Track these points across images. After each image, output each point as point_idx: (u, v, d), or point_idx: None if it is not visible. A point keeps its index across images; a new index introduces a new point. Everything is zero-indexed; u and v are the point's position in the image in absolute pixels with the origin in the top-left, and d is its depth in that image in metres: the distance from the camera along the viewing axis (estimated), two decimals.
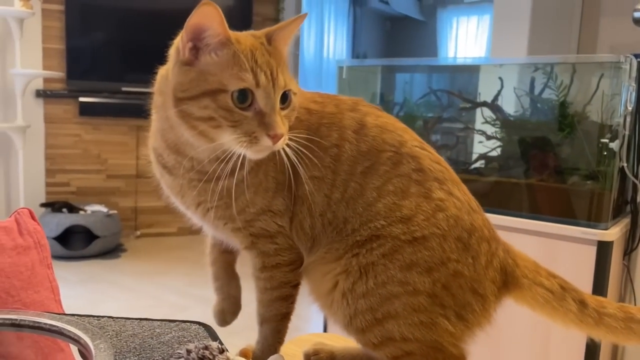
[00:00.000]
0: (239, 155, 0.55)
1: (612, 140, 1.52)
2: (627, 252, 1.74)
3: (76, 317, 0.69)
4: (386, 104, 2.03)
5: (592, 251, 1.54)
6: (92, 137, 3.77)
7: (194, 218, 0.65)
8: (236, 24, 2.90)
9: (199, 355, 0.48)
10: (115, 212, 3.49)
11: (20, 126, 3.33)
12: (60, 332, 0.67)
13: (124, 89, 3.76)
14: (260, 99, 0.55)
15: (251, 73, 0.55)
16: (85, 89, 3.68)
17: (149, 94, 0.81)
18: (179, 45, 0.57)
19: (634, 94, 1.55)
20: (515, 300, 0.65)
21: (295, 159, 0.56)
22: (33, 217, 0.85)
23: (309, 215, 0.58)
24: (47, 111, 3.65)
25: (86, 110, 3.70)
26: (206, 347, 0.48)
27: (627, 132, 1.55)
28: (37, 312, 0.70)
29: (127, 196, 3.87)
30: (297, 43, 4.47)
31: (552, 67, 1.64)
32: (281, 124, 0.55)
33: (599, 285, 1.55)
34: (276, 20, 4.19)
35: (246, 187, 0.58)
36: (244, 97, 0.55)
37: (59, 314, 0.70)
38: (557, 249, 1.59)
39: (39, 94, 3.60)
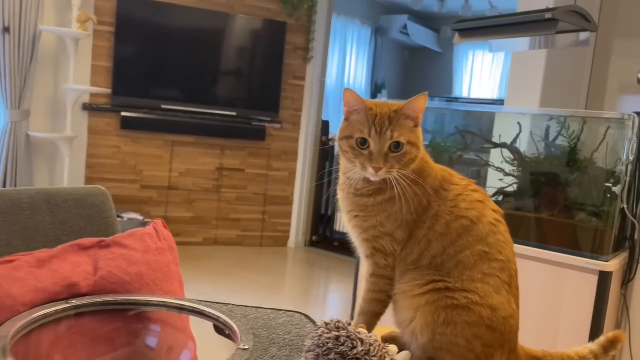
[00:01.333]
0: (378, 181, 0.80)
1: (615, 184, 1.77)
2: (625, 283, 1.98)
3: (210, 304, 0.94)
4: None
5: (594, 280, 1.77)
6: (130, 149, 4.05)
7: (347, 227, 0.89)
8: (270, 51, 3.31)
9: (335, 326, 0.72)
10: (149, 220, 3.74)
11: (69, 136, 3.61)
12: (203, 314, 0.92)
13: (163, 106, 4.04)
14: (372, 144, 0.80)
15: (368, 128, 0.80)
16: (127, 105, 3.97)
17: (184, 112, 1.06)
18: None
19: (635, 146, 1.80)
20: None
21: (414, 207, 0.80)
22: (165, 227, 1.11)
23: (417, 251, 0.82)
24: (91, 123, 3.93)
25: (127, 124, 3.98)
26: (338, 321, 0.72)
27: (628, 179, 1.79)
28: (186, 298, 0.95)
29: (158, 206, 4.14)
30: (324, 69, 4.75)
31: (565, 118, 1.89)
32: (381, 161, 0.79)
33: (599, 310, 1.78)
34: (306, 49, 4.47)
35: (383, 211, 0.82)
36: (363, 141, 0.80)
37: (196, 300, 0.94)
38: (564, 277, 1.83)
39: (85, 107, 3.88)
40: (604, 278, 1.76)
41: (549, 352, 0.90)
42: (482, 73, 6.76)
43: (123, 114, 3.96)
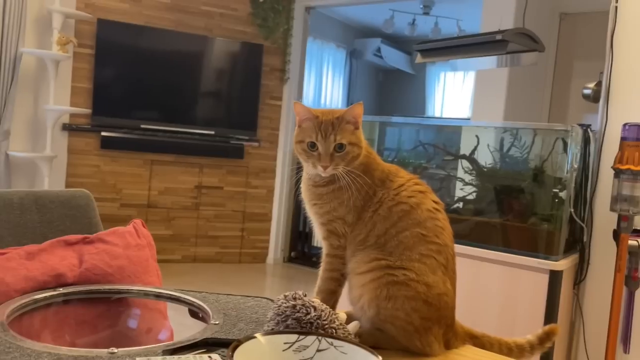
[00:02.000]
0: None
1: (561, 190, 1.92)
2: (577, 283, 2.12)
3: (185, 291, 1.04)
4: (380, 152, 2.42)
5: (545, 279, 1.91)
6: (109, 168, 4.12)
7: (309, 215, 1.00)
8: (248, 72, 3.51)
9: (293, 297, 0.83)
10: None
11: (48, 156, 3.68)
12: (179, 300, 1.03)
13: (142, 126, 4.14)
14: (319, 146, 0.93)
15: (315, 133, 0.93)
16: (107, 125, 4.06)
17: (163, 131, 1.19)
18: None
19: (578, 155, 1.96)
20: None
21: (361, 195, 0.93)
22: (144, 226, 1.21)
23: (364, 232, 0.94)
24: (71, 143, 4.01)
25: (107, 144, 4.07)
26: (295, 293, 0.83)
27: (573, 185, 1.95)
28: (163, 287, 1.06)
29: None
30: (300, 90, 4.91)
31: (517, 130, 2.05)
32: (328, 160, 0.92)
33: (551, 307, 1.92)
34: (283, 70, 4.63)
35: (335, 198, 0.94)
36: (312, 144, 0.93)
37: (172, 289, 1.05)
38: (519, 277, 1.97)
39: (65, 127, 3.96)
40: (554, 277, 1.90)
41: (488, 335, 1.02)
42: (453, 93, 7.01)
43: (103, 133, 4.04)
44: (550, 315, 1.93)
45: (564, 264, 1.94)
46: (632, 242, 1.90)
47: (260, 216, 4.81)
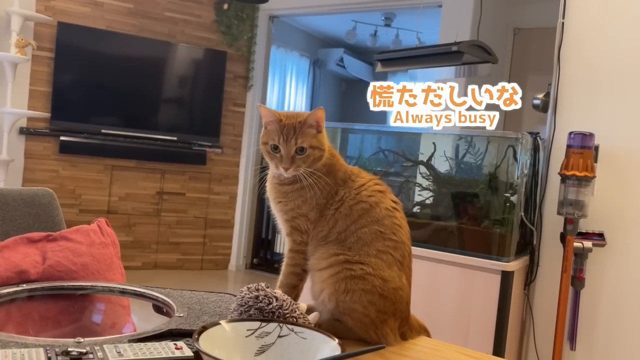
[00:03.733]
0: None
1: (512, 195, 2.03)
2: (527, 284, 2.23)
3: (149, 287, 1.07)
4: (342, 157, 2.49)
5: (497, 279, 2.00)
6: (69, 174, 4.05)
7: (274, 212, 1.05)
8: (211, 78, 3.55)
9: (255, 288, 0.86)
10: None
11: (4, 160, 3.59)
12: (144, 295, 1.05)
13: (103, 130, 4.09)
14: (282, 149, 0.97)
15: (278, 136, 0.98)
16: (66, 129, 3.99)
17: (124, 136, 1.23)
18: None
19: (528, 161, 2.07)
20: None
21: (324, 194, 0.97)
22: (108, 225, 1.23)
23: (326, 228, 0.98)
24: (28, 147, 3.92)
25: (66, 149, 3.99)
26: (258, 285, 0.87)
27: (524, 189, 2.06)
28: (129, 283, 1.08)
29: None
30: (264, 97, 4.95)
31: (471, 137, 2.15)
32: (288, 163, 0.97)
33: (503, 306, 2.01)
34: (246, 77, 4.66)
35: (299, 196, 0.98)
36: (275, 147, 0.98)
37: (136, 285, 1.07)
38: (473, 277, 2.05)
39: (22, 131, 3.87)
40: (506, 277, 1.99)
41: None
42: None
43: (62, 138, 3.97)
44: (502, 314, 2.02)
45: (515, 265, 2.03)
46: (577, 244, 2.02)
47: (223, 223, 4.81)
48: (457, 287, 2.07)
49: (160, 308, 1.03)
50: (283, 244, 1.06)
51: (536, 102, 2.26)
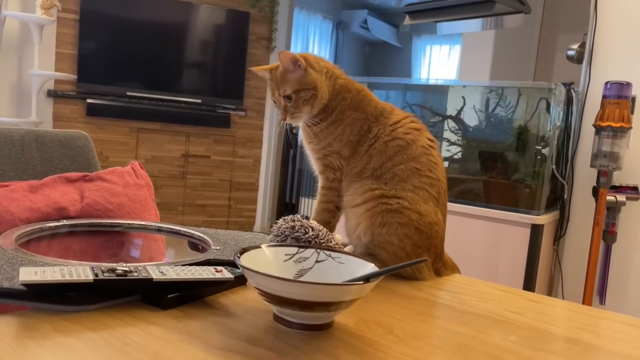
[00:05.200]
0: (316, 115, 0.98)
1: (544, 147, 1.98)
2: (557, 239, 2.20)
3: (185, 226, 1.08)
4: None
5: (527, 233, 1.98)
6: (96, 136, 4.09)
7: (307, 154, 1.05)
8: (234, 40, 3.51)
9: (291, 219, 0.87)
10: None
11: (34, 122, 3.65)
12: (179, 233, 1.06)
13: (128, 93, 4.11)
14: (275, 102, 0.98)
15: (271, 91, 0.99)
16: (92, 92, 4.02)
17: (149, 99, 1.25)
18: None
19: (561, 113, 2.02)
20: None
21: (355, 130, 0.97)
22: (142, 167, 1.24)
23: (360, 165, 0.98)
24: (56, 110, 3.97)
25: (92, 111, 4.04)
26: (294, 216, 0.88)
27: (556, 142, 2.02)
28: (165, 222, 1.09)
29: None
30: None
31: (502, 90, 2.10)
32: (282, 113, 0.98)
33: (532, 260, 2.00)
34: (269, 39, 4.61)
35: (329, 134, 0.98)
36: (274, 101, 0.99)
37: (172, 224, 1.08)
38: (502, 231, 2.04)
39: (50, 94, 3.92)
40: (535, 231, 1.97)
41: None
42: (439, 66, 7.04)
43: (88, 100, 4.01)
44: (531, 268, 2.01)
45: (545, 219, 2.01)
46: (610, 197, 1.98)
47: (247, 186, 4.84)
48: (486, 241, 2.06)
49: (196, 245, 1.05)
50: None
51: (570, 53, 2.19)
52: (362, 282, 0.62)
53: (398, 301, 0.82)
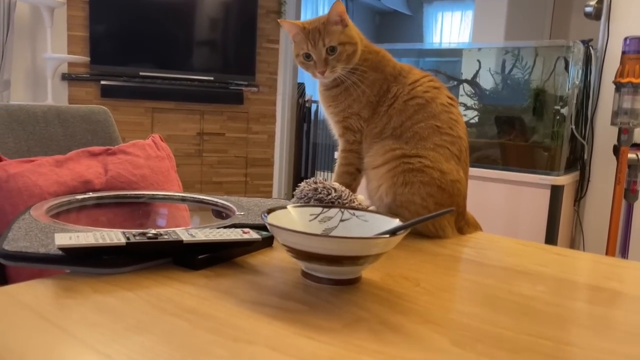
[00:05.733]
0: (334, 78, 0.97)
1: (563, 107, 1.96)
2: (577, 200, 2.19)
3: (208, 194, 1.09)
4: None
5: (547, 194, 1.97)
6: None
7: (327, 118, 1.05)
8: (243, 15, 3.46)
9: (314, 181, 0.88)
10: None
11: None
12: (203, 202, 1.08)
13: (141, 73, 4.12)
14: (313, 55, 0.96)
15: (306, 44, 0.96)
16: (106, 73, 4.04)
17: (162, 78, 1.24)
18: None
19: (580, 71, 1.99)
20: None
21: (374, 91, 0.97)
22: (162, 140, 1.25)
23: (380, 125, 0.98)
24: (71, 93, 4.00)
25: (107, 93, 4.06)
26: (316, 178, 0.88)
27: (575, 102, 1.99)
28: (188, 192, 1.11)
29: None
30: None
31: (519, 50, 2.07)
32: (322, 65, 0.95)
33: (552, 221, 1.99)
34: (278, 12, 4.57)
35: (348, 96, 0.98)
36: (307, 55, 0.97)
37: (195, 193, 1.10)
38: (521, 194, 2.03)
39: (65, 77, 3.94)
40: (555, 192, 1.96)
41: None
42: (451, 33, 6.92)
43: (102, 82, 4.03)
44: (552, 230, 2.00)
45: (565, 180, 1.99)
46: (631, 155, 1.95)
47: (263, 161, 4.86)
48: (506, 204, 2.05)
49: (219, 212, 1.07)
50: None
51: (588, 9, 2.14)
52: (388, 236, 0.63)
53: (423, 257, 0.83)
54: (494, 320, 0.59)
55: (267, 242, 0.82)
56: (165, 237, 0.70)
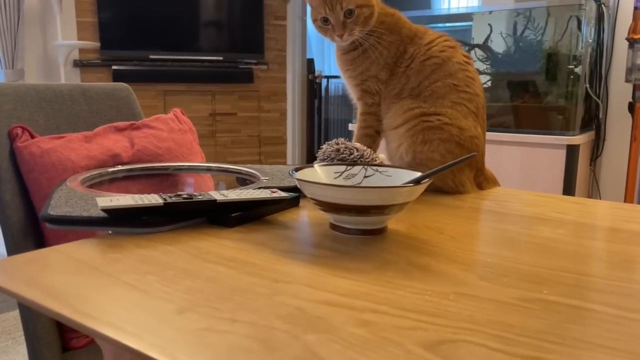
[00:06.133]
0: (352, 42, 0.99)
1: (576, 66, 1.95)
2: (593, 159, 2.19)
3: (232, 164, 1.13)
4: None
5: (562, 155, 1.98)
6: None
7: (345, 82, 1.07)
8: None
9: (336, 142, 0.91)
10: None
11: None
12: (227, 170, 1.11)
13: (151, 56, 4.15)
14: (330, 19, 0.98)
15: (323, 8, 0.98)
16: (116, 58, 4.07)
17: (172, 60, 1.24)
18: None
19: (592, 30, 1.97)
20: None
21: (391, 53, 0.98)
22: (183, 113, 1.29)
23: (398, 86, 1.00)
24: (84, 79, 4.04)
25: (119, 77, 4.09)
26: (337, 139, 0.91)
27: (588, 60, 1.98)
28: (213, 162, 1.14)
29: None
30: (304, 8, 4.84)
31: (530, 11, 2.05)
32: (340, 29, 0.97)
33: (568, 181, 2.00)
34: None
35: (366, 59, 1.00)
36: (325, 19, 0.98)
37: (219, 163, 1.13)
38: (537, 155, 2.04)
39: (76, 63, 3.98)
40: (571, 151, 1.96)
41: None
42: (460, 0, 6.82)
43: (114, 67, 4.06)
44: (568, 191, 2.01)
45: (581, 139, 2.00)
46: None
47: (276, 139, 4.89)
48: (521, 167, 2.07)
49: (244, 180, 1.10)
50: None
51: None
52: (413, 184, 0.66)
53: (445, 210, 0.85)
54: (516, 258, 0.62)
55: (295, 201, 0.85)
56: (200, 197, 0.73)
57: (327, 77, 5.03)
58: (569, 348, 0.40)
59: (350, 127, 1.04)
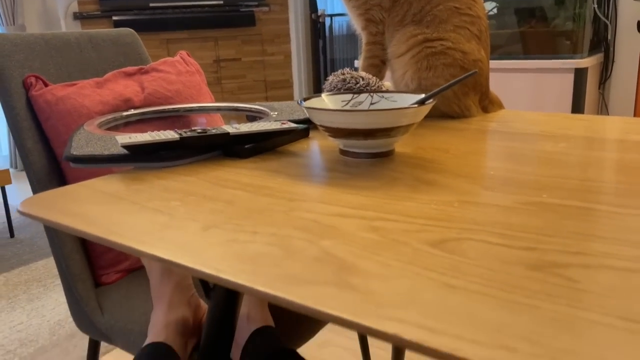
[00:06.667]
0: None
1: None
2: (602, 82, 2.17)
3: (239, 103, 1.15)
4: None
5: (570, 78, 1.97)
6: None
7: (349, 12, 1.07)
8: None
9: (342, 72, 0.93)
10: None
11: None
12: (237, 109, 1.14)
13: (151, 5, 4.08)
14: None
15: None
16: (116, 8, 4.02)
17: (173, 7, 1.22)
18: None
19: None
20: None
21: None
22: (189, 56, 1.30)
23: (400, 13, 1.00)
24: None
25: (120, 27, 4.05)
26: (343, 69, 0.93)
27: None
28: (224, 102, 1.16)
29: None
30: None
31: None
32: None
33: (576, 105, 2.00)
34: None
35: None
36: None
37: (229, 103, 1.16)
38: (544, 80, 2.02)
39: (77, 16, 3.94)
40: (579, 75, 1.95)
41: None
42: None
43: (114, 17, 4.01)
44: (577, 112, 2.01)
45: (589, 62, 1.98)
46: None
47: (282, 83, 4.86)
48: (529, 93, 2.06)
49: (254, 118, 1.13)
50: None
51: None
52: (417, 105, 0.68)
53: (450, 133, 0.88)
54: (519, 170, 0.65)
55: (305, 132, 0.88)
56: (213, 131, 0.76)
57: (331, 16, 4.92)
58: (565, 239, 0.44)
59: (356, 64, 1.04)
